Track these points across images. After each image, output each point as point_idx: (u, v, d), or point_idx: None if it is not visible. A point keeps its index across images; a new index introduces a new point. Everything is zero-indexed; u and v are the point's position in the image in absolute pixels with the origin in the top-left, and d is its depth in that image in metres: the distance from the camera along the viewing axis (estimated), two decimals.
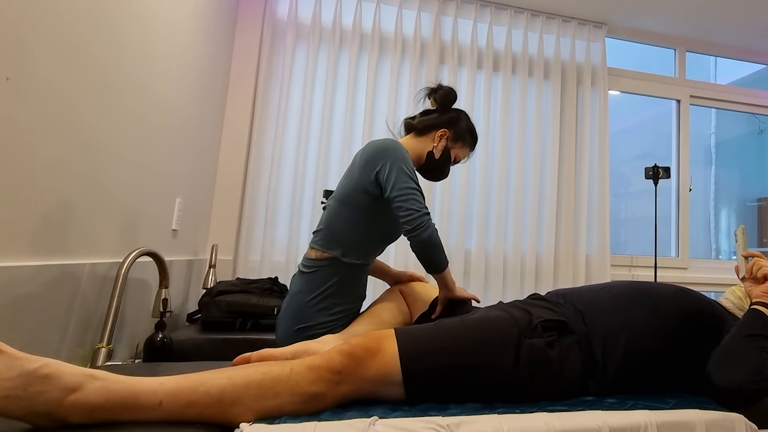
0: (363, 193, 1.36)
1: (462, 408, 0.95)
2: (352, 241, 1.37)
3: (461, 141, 1.54)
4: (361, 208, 1.37)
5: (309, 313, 1.34)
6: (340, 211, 1.39)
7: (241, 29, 2.55)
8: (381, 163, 1.34)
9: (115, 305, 1.25)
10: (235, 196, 2.47)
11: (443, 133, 1.51)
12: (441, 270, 1.34)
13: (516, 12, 2.90)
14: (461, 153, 1.56)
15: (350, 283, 1.38)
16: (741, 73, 3.95)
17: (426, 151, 1.52)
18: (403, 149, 1.38)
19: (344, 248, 1.37)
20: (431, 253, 1.31)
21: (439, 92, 1.55)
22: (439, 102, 1.55)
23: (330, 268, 1.37)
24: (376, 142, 1.41)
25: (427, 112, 1.57)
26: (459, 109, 1.57)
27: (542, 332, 1.06)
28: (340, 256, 1.36)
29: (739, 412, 1.02)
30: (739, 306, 1.29)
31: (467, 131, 1.55)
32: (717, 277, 3.18)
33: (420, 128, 1.53)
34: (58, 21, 1.04)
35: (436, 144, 1.51)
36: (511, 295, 2.67)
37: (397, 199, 1.30)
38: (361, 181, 1.37)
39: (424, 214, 1.30)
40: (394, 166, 1.33)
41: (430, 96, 1.57)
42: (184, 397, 0.82)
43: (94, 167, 1.24)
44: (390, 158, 1.34)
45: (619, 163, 3.89)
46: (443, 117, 1.53)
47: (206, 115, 2.17)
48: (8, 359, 0.74)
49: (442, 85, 1.57)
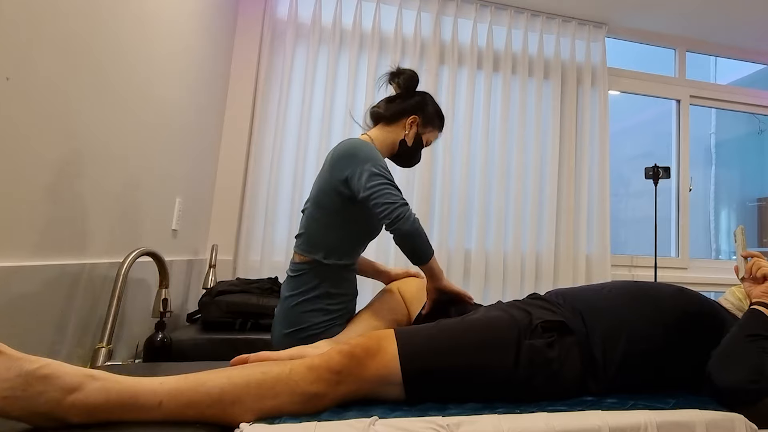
0: (335, 194, 1.35)
1: (462, 408, 0.95)
2: (331, 242, 1.36)
3: (431, 125, 1.53)
4: (334, 209, 1.36)
5: (300, 316, 1.34)
6: (315, 214, 1.38)
7: (241, 29, 2.55)
8: (350, 168, 1.32)
9: (115, 305, 1.25)
10: (235, 196, 2.47)
11: (414, 120, 1.49)
12: (426, 260, 1.31)
13: (516, 12, 2.90)
14: (431, 136, 1.56)
15: (337, 283, 1.37)
16: (741, 73, 3.95)
17: (398, 140, 1.50)
18: (370, 148, 1.35)
19: (325, 250, 1.36)
20: (415, 244, 1.28)
21: (401, 76, 1.52)
22: (403, 86, 1.52)
23: (314, 271, 1.36)
24: (345, 143, 1.39)
25: (391, 98, 1.54)
26: (423, 92, 1.55)
27: (542, 333, 1.06)
28: (322, 259, 1.35)
29: (739, 412, 1.02)
30: (739, 306, 1.29)
31: (435, 114, 1.54)
32: (717, 277, 3.18)
33: (388, 117, 1.50)
34: (58, 21, 1.04)
35: (408, 131, 1.50)
36: (511, 295, 2.67)
37: (371, 198, 1.27)
38: (332, 182, 1.36)
39: (401, 204, 1.26)
40: (363, 170, 1.30)
41: (392, 81, 1.54)
42: (184, 397, 0.82)
43: (94, 167, 1.24)
44: (357, 161, 1.31)
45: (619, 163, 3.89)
46: (410, 102, 1.51)
47: (206, 115, 2.17)
48: (8, 360, 0.74)
49: (402, 68, 1.54)
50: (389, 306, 1.43)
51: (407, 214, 1.26)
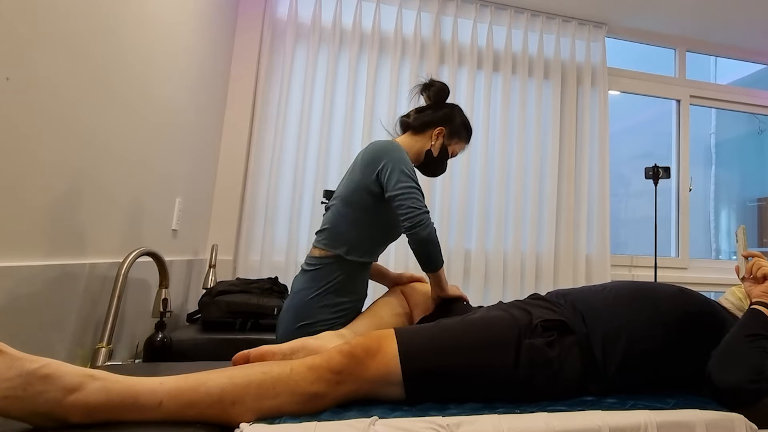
0: (366, 193, 1.38)
1: (462, 408, 0.95)
2: (356, 239, 1.39)
3: (457, 137, 1.57)
4: (364, 207, 1.39)
5: (311, 309, 1.35)
6: (344, 211, 1.41)
7: (241, 29, 2.55)
8: (382, 163, 1.37)
9: (115, 305, 1.25)
10: (235, 196, 2.47)
11: (440, 131, 1.53)
12: (437, 269, 1.37)
13: (516, 12, 2.90)
14: (458, 148, 1.59)
15: (353, 280, 1.40)
16: (741, 73, 3.95)
17: (424, 150, 1.54)
18: (402, 150, 1.40)
19: (348, 246, 1.39)
20: (429, 251, 1.33)
21: (432, 88, 1.57)
22: (433, 98, 1.57)
23: (334, 265, 1.38)
24: (378, 143, 1.43)
25: (421, 109, 1.58)
26: (452, 104, 1.58)
27: (542, 332, 1.06)
28: (344, 254, 1.38)
29: (739, 412, 1.02)
30: (739, 306, 1.29)
31: (462, 126, 1.57)
32: (717, 277, 3.18)
33: (416, 126, 1.55)
34: (58, 21, 1.04)
35: (434, 142, 1.53)
36: (511, 295, 2.67)
37: (398, 198, 1.32)
38: (363, 181, 1.39)
39: (424, 212, 1.32)
40: (395, 167, 1.35)
41: (424, 92, 1.59)
42: (184, 397, 0.82)
43: (94, 167, 1.24)
44: (390, 159, 1.36)
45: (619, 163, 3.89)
46: (438, 114, 1.55)
47: (206, 115, 2.17)
48: (8, 359, 0.74)
49: (434, 80, 1.58)
50: (392, 308, 1.44)
51: (427, 221, 1.32)
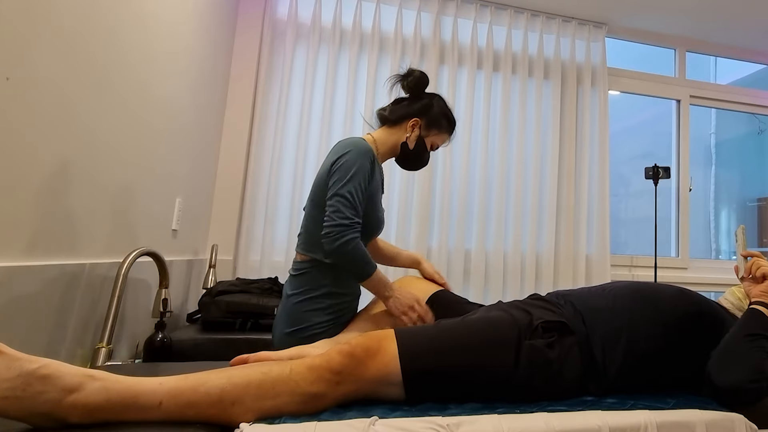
0: (325, 189, 1.35)
1: (462, 408, 0.95)
2: None
3: (436, 127, 1.50)
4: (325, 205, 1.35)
5: (301, 314, 1.34)
6: (312, 212, 1.38)
7: (241, 29, 2.55)
8: (336, 159, 1.33)
9: (115, 305, 1.25)
10: (235, 196, 2.47)
11: (415, 123, 1.48)
12: (362, 279, 1.32)
13: (516, 12, 2.90)
14: (437, 140, 1.52)
15: (340, 282, 1.37)
16: (741, 73, 3.95)
17: (400, 142, 1.49)
18: (363, 148, 1.34)
19: (323, 249, 1.35)
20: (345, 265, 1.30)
21: (409, 78, 1.50)
22: (410, 89, 1.51)
23: (316, 270, 1.36)
24: (344, 140, 1.39)
25: (398, 100, 1.53)
26: (432, 94, 1.53)
27: (542, 333, 1.06)
28: (323, 258, 1.35)
29: (739, 412, 1.02)
30: (739, 306, 1.29)
31: (441, 116, 1.50)
32: (717, 277, 3.18)
33: (392, 119, 1.50)
34: (58, 21, 1.04)
35: (409, 134, 1.48)
36: (511, 295, 2.67)
37: (327, 205, 1.30)
38: (324, 179, 1.36)
39: (337, 224, 1.26)
40: (342, 167, 1.30)
41: (401, 82, 1.52)
42: (184, 397, 0.82)
43: (94, 167, 1.24)
44: (345, 158, 1.32)
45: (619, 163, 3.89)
46: (415, 105, 1.49)
47: (206, 115, 2.17)
48: (8, 360, 0.74)
49: (413, 69, 1.52)
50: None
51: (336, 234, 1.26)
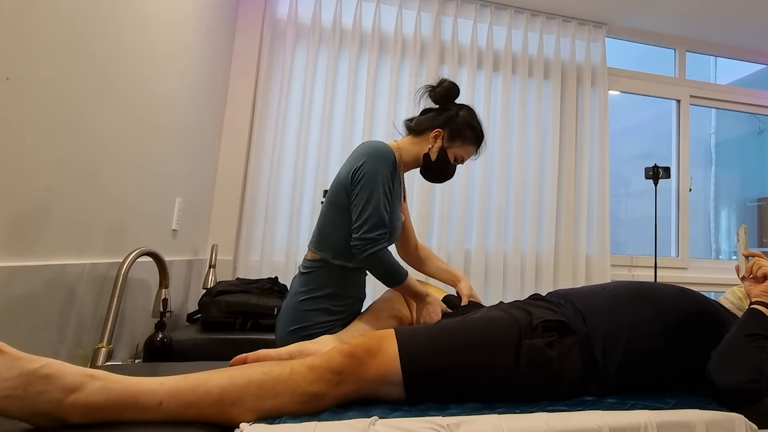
0: (344, 193, 1.35)
1: (462, 408, 0.95)
2: (340, 243, 1.35)
3: (460, 139, 1.47)
4: (344, 208, 1.35)
5: (304, 313, 1.34)
6: (327, 212, 1.38)
7: (241, 29, 2.55)
8: (359, 163, 1.33)
9: (115, 305, 1.25)
10: (235, 196, 2.47)
11: (437, 134, 1.46)
12: (396, 284, 1.34)
13: (516, 12, 2.90)
14: (461, 152, 1.49)
15: (345, 284, 1.37)
16: (741, 73, 3.95)
17: (422, 153, 1.47)
18: (386, 156, 1.34)
19: (334, 250, 1.36)
20: (380, 274, 1.33)
21: (437, 89, 1.49)
22: (438, 99, 1.50)
23: (323, 270, 1.36)
24: (368, 143, 1.39)
25: (425, 111, 1.53)
26: (460, 105, 1.51)
27: (542, 333, 1.06)
28: (331, 259, 1.35)
29: (739, 411, 1.02)
30: (739, 306, 1.29)
31: (466, 128, 1.47)
32: (717, 277, 3.18)
33: (417, 129, 1.49)
34: (58, 21, 1.04)
35: (432, 145, 1.46)
36: (511, 295, 2.67)
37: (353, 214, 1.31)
38: (344, 180, 1.36)
39: (368, 238, 1.28)
40: (366, 173, 1.31)
41: (430, 93, 1.51)
42: (184, 397, 0.82)
43: (94, 167, 1.24)
44: (367, 162, 1.32)
45: (619, 163, 3.88)
46: (440, 116, 1.48)
47: (206, 115, 2.17)
48: (9, 359, 0.74)
49: (444, 79, 1.50)
50: (392, 307, 1.43)
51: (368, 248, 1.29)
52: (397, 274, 1.33)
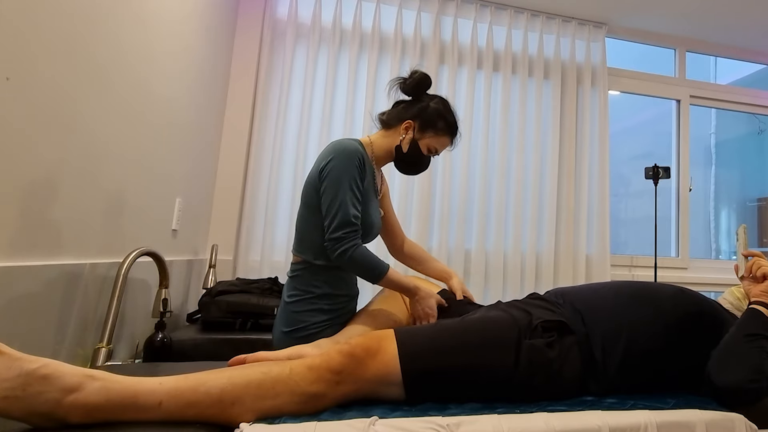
0: (315, 192, 1.34)
1: (462, 408, 0.95)
2: (318, 242, 1.34)
3: (432, 130, 1.44)
4: (315, 206, 1.34)
5: (298, 315, 1.34)
6: (302, 213, 1.38)
7: (241, 29, 2.55)
8: (326, 161, 1.32)
9: (115, 305, 1.25)
10: (235, 196, 2.47)
11: (408, 125, 1.43)
12: (376, 280, 1.32)
13: (516, 12, 2.90)
14: (434, 142, 1.45)
15: (334, 284, 1.36)
16: (741, 73, 3.95)
17: (394, 146, 1.45)
18: (350, 151, 1.32)
19: (314, 251, 1.35)
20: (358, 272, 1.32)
21: (408, 81, 1.46)
22: (408, 91, 1.47)
23: (308, 272, 1.36)
24: (330, 144, 1.38)
25: (397, 103, 1.50)
26: (432, 96, 1.48)
27: (542, 333, 1.06)
28: (313, 260, 1.35)
29: (739, 411, 1.02)
30: (738, 306, 1.29)
31: (438, 118, 1.44)
32: (717, 277, 3.18)
33: (388, 122, 1.47)
34: (58, 21, 1.04)
35: (403, 137, 1.44)
36: (511, 295, 2.67)
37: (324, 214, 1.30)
38: (312, 181, 1.36)
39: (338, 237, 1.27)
40: (332, 170, 1.30)
41: (401, 85, 1.47)
42: (183, 397, 0.82)
43: (94, 167, 1.24)
44: (334, 159, 1.31)
45: (619, 163, 3.88)
46: (411, 108, 1.45)
47: (206, 115, 2.17)
48: (8, 360, 0.74)
49: (415, 71, 1.47)
50: (389, 306, 1.43)
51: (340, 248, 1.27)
52: (375, 270, 1.31)
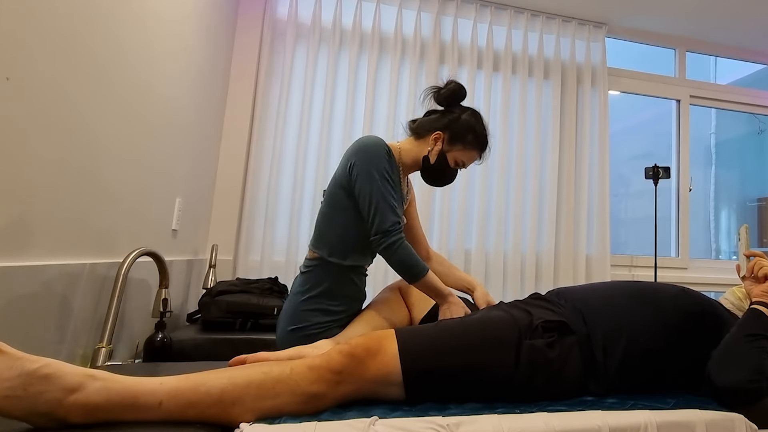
0: (340, 189, 1.34)
1: (462, 408, 0.95)
2: (335, 240, 1.34)
3: (460, 143, 1.43)
4: (339, 205, 1.35)
5: (303, 313, 1.33)
6: (324, 209, 1.38)
7: (241, 29, 2.55)
8: (355, 157, 1.32)
9: (115, 305, 1.25)
10: (235, 196, 2.47)
11: (437, 136, 1.42)
12: (416, 279, 1.32)
13: (516, 12, 2.90)
14: (462, 156, 1.45)
15: (342, 284, 1.36)
16: (741, 73, 3.95)
17: (422, 155, 1.44)
18: (380, 148, 1.32)
19: (330, 248, 1.35)
20: (401, 269, 1.31)
21: (442, 91, 1.46)
22: (442, 101, 1.47)
23: (321, 269, 1.35)
24: (362, 138, 1.37)
25: (429, 113, 1.50)
26: (465, 108, 1.47)
27: (542, 333, 1.06)
28: (327, 256, 1.35)
29: (740, 411, 1.02)
30: (739, 306, 1.29)
31: (468, 132, 1.43)
32: (717, 277, 3.18)
33: (418, 131, 1.46)
34: (58, 21, 1.04)
35: (431, 148, 1.43)
36: (511, 295, 2.67)
37: (364, 209, 1.30)
38: (339, 176, 1.36)
39: (387, 231, 1.27)
40: (363, 165, 1.30)
41: (435, 95, 1.47)
42: (184, 397, 0.82)
43: (94, 167, 1.24)
44: (363, 154, 1.31)
45: (619, 163, 3.88)
46: (443, 118, 1.44)
47: (206, 115, 2.17)
48: (9, 359, 0.74)
49: (451, 81, 1.46)
50: (390, 307, 1.43)
51: (390, 242, 1.28)
52: (414, 268, 1.31)
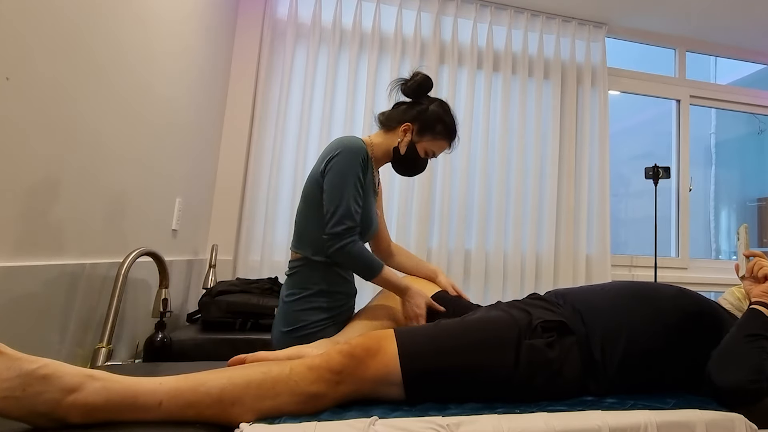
0: (316, 186, 1.35)
1: (462, 408, 0.95)
2: (317, 238, 1.34)
3: (430, 133, 1.45)
4: (316, 202, 1.35)
5: (297, 314, 1.33)
6: (303, 209, 1.39)
7: (241, 29, 2.55)
8: (329, 155, 1.33)
9: (115, 305, 1.25)
10: (235, 196, 2.47)
11: (407, 128, 1.44)
12: (371, 277, 1.33)
13: (516, 12, 2.90)
14: (432, 146, 1.46)
15: (331, 280, 1.36)
16: (741, 73, 3.95)
17: (392, 147, 1.45)
18: (356, 149, 1.33)
19: (313, 247, 1.35)
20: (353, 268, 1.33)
21: (409, 83, 1.46)
22: (409, 93, 1.48)
23: (306, 269, 1.36)
24: (336, 140, 1.38)
25: (398, 104, 1.50)
26: (432, 99, 1.48)
27: (542, 333, 1.06)
28: (311, 255, 1.35)
29: (739, 412, 1.02)
30: (738, 307, 1.29)
31: (436, 122, 1.45)
32: (717, 277, 3.18)
33: (387, 123, 1.47)
34: (58, 21, 1.04)
35: (401, 139, 1.44)
36: (511, 295, 2.67)
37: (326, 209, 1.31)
38: (315, 176, 1.36)
39: (337, 234, 1.28)
40: (334, 165, 1.31)
41: (402, 87, 1.48)
42: (183, 397, 0.82)
43: (94, 167, 1.24)
44: (339, 155, 1.32)
45: (619, 163, 3.88)
46: (411, 110, 1.45)
47: (206, 115, 2.17)
48: (7, 360, 0.74)
49: (417, 73, 1.47)
50: (388, 306, 1.43)
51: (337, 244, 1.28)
52: (370, 267, 1.32)
